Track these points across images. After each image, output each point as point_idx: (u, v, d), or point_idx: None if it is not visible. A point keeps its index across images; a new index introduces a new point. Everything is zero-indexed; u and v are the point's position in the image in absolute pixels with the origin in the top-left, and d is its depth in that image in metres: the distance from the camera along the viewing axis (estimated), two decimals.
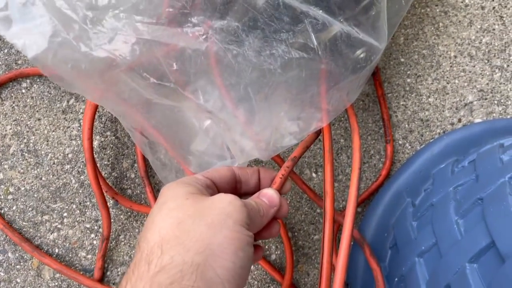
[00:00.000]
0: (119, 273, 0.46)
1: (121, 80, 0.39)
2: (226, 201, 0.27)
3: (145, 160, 0.48)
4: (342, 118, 0.53)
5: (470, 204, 0.34)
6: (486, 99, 0.54)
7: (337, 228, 0.47)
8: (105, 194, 0.45)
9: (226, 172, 0.32)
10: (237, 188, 0.33)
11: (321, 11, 0.33)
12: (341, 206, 0.50)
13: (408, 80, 0.54)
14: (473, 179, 0.37)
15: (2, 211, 0.46)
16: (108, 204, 0.45)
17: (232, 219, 0.26)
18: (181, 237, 0.25)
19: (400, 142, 0.53)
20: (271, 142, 0.44)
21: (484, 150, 0.42)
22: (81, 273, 0.45)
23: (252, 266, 0.48)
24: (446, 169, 0.45)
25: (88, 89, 0.39)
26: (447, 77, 0.55)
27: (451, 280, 0.31)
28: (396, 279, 0.40)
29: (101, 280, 0.45)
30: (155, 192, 0.48)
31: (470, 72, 0.55)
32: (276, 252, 0.49)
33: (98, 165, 0.45)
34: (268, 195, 0.31)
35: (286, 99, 0.44)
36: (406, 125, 0.53)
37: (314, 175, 0.51)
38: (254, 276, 0.48)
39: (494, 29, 0.56)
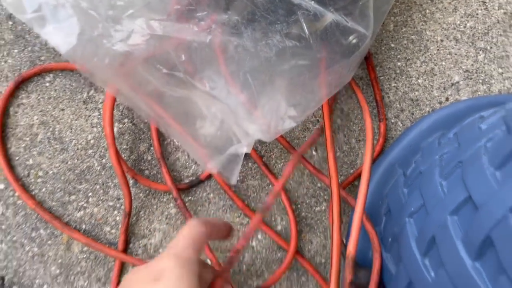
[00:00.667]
0: (141, 245, 0.51)
1: (137, 72, 0.44)
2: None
3: (160, 143, 0.53)
4: (339, 101, 0.57)
5: (452, 167, 0.38)
6: (471, 78, 0.59)
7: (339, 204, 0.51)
8: (126, 175, 0.50)
9: (192, 249, 0.31)
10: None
11: (313, 2, 0.37)
12: (339, 180, 0.54)
13: (399, 63, 0.59)
14: (456, 147, 0.42)
15: (33, 192, 0.51)
16: (128, 183, 0.50)
17: None
18: None
19: (392, 120, 0.57)
20: (272, 126, 0.48)
21: (466, 122, 0.46)
22: (107, 246, 0.50)
23: (259, 235, 0.53)
24: (433, 141, 0.49)
25: (110, 81, 0.44)
26: (435, 60, 0.59)
27: (435, 232, 0.36)
28: (390, 239, 0.45)
29: (125, 251, 0.50)
30: (171, 172, 0.53)
31: (456, 54, 0.59)
32: (282, 223, 0.54)
33: (117, 149, 0.50)
34: None
35: (284, 86, 0.48)
36: (398, 105, 0.58)
37: (314, 153, 0.56)
38: (262, 245, 0.53)
39: (477, 14, 0.60)
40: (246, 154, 0.55)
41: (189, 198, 0.53)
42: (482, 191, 0.32)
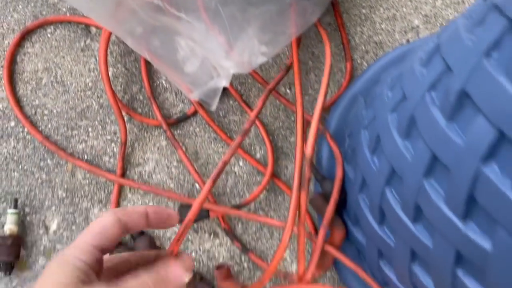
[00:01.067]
0: (136, 172, 0.58)
1: (128, 8, 0.51)
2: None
3: (150, 84, 0.60)
4: (309, 44, 0.64)
5: (395, 80, 0.45)
6: (430, 23, 0.65)
7: (307, 125, 0.58)
8: (121, 110, 0.57)
9: (107, 230, 0.28)
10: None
11: None
12: (310, 114, 0.61)
13: (363, 10, 0.65)
14: (400, 69, 0.48)
15: (40, 128, 0.58)
16: (123, 117, 0.57)
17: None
18: None
19: (358, 61, 0.64)
20: (246, 61, 0.55)
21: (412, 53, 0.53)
22: (106, 172, 0.57)
23: (241, 162, 0.60)
24: (389, 72, 0.56)
25: (105, 17, 0.51)
26: (396, 6, 0.66)
27: (379, 131, 0.43)
28: (350, 151, 0.52)
29: (122, 176, 0.57)
30: (160, 109, 0.60)
31: (415, 1, 0.66)
32: (260, 152, 0.61)
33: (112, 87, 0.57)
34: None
35: (257, 27, 0.55)
36: (363, 48, 0.64)
37: (288, 91, 0.63)
38: (243, 171, 0.60)
39: None
40: (227, 93, 0.62)
41: (178, 132, 0.60)
42: (411, 87, 0.39)
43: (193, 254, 0.57)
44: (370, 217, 0.46)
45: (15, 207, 0.55)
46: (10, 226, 0.54)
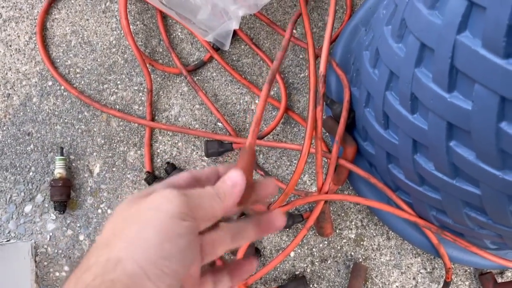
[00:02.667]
0: (163, 116, 0.65)
1: None
2: (159, 196, 0.26)
3: (168, 36, 0.66)
4: None
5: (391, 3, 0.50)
6: None
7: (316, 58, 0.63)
8: (144, 61, 0.63)
9: (183, 179, 0.29)
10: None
11: None
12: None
13: None
14: None
15: (75, 85, 0.65)
16: (147, 67, 0.63)
17: (163, 212, 0.25)
18: (112, 238, 0.25)
19: None
20: (252, 3, 0.60)
21: None
22: (138, 118, 0.63)
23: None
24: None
25: None
26: None
27: (378, 44, 0.48)
28: (355, 74, 0.57)
29: (152, 120, 0.64)
30: (179, 58, 0.65)
31: None
32: (274, 89, 0.66)
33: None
34: (230, 176, 0.29)
35: None
36: None
37: (294, 31, 0.68)
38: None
39: None
40: (238, 38, 0.67)
41: (197, 78, 0.66)
42: None
43: None
44: (376, 125, 0.51)
45: (62, 154, 0.62)
46: (59, 170, 0.61)
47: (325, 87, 0.53)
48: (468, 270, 0.63)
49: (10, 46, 0.65)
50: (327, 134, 0.64)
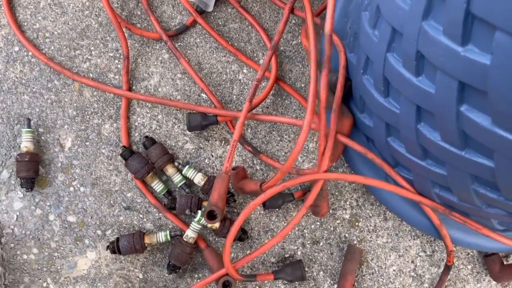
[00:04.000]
0: (142, 86, 0.59)
1: None
2: None
3: None
4: None
5: None
6: None
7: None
8: (120, 25, 0.57)
9: None
10: None
11: None
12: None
13: None
14: None
15: (44, 51, 0.59)
16: (123, 31, 0.57)
17: None
18: None
19: None
20: None
21: None
22: (113, 87, 0.57)
23: (245, 70, 0.60)
24: None
25: None
26: None
27: (379, 3, 0.42)
28: (352, 38, 0.51)
29: (129, 90, 0.58)
30: (159, 22, 0.59)
31: None
32: (263, 58, 0.60)
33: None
34: None
35: None
36: None
37: None
38: (247, 77, 0.60)
39: None
40: (224, 1, 0.61)
41: (179, 44, 0.60)
42: None
43: (206, 161, 0.58)
44: (375, 93, 0.46)
45: (29, 126, 0.56)
46: (26, 144, 0.55)
47: (331, 49, 0.47)
48: (471, 253, 0.59)
49: None
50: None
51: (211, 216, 0.49)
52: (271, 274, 0.55)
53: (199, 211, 0.54)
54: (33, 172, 0.55)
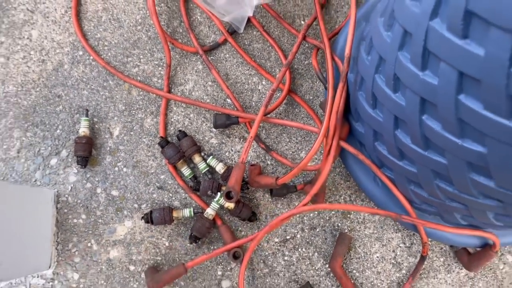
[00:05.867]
0: (179, 90, 0.72)
1: None
2: None
3: (188, 18, 0.73)
4: None
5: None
6: None
7: (317, 50, 0.70)
8: (166, 39, 0.70)
9: None
10: None
11: None
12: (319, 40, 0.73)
13: None
14: None
15: (102, 56, 0.72)
16: (168, 45, 0.71)
17: None
18: None
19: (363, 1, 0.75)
20: None
21: None
22: (156, 89, 0.71)
23: (264, 82, 0.73)
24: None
25: None
26: None
27: (394, 5, 0.54)
28: (352, 62, 0.64)
29: (169, 92, 0.71)
30: (197, 39, 0.73)
31: None
32: (278, 73, 0.73)
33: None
34: None
35: None
36: None
37: (302, 22, 0.75)
38: (266, 88, 0.73)
39: None
40: (251, 25, 0.74)
41: (211, 57, 0.74)
42: None
43: (227, 154, 0.71)
44: (366, 105, 0.58)
45: (87, 115, 0.69)
46: (83, 130, 0.68)
47: (348, 68, 0.60)
48: (444, 248, 0.69)
49: (48, 17, 0.73)
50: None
51: (228, 196, 0.61)
52: None
53: (219, 193, 0.66)
54: (87, 152, 0.68)
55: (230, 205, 0.66)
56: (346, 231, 0.69)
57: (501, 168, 0.40)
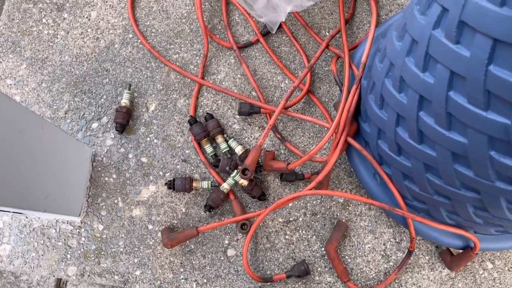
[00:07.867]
0: (211, 79, 0.82)
1: None
2: None
3: (227, 17, 0.84)
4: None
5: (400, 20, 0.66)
6: None
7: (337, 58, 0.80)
8: (206, 32, 0.80)
9: None
10: None
11: None
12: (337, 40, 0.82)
13: None
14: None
15: (149, 41, 0.83)
16: (207, 38, 0.81)
17: None
18: None
19: (383, 17, 0.85)
20: (299, 4, 0.77)
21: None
22: (191, 74, 0.80)
23: (286, 81, 0.82)
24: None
25: None
26: None
27: (386, 45, 0.64)
28: (366, 70, 0.73)
29: (202, 79, 0.81)
30: (233, 36, 0.83)
31: None
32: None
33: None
34: None
35: None
36: (388, 7, 0.85)
37: (327, 33, 0.84)
38: (288, 86, 0.82)
39: None
40: (281, 30, 0.84)
41: (243, 54, 0.83)
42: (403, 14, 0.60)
43: (246, 139, 0.80)
44: (374, 106, 0.66)
45: (129, 89, 0.79)
46: (125, 101, 0.78)
47: (363, 72, 0.69)
48: (430, 248, 0.76)
49: (107, 2, 0.84)
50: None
51: (244, 173, 0.70)
52: (284, 274, 0.73)
53: (235, 171, 0.75)
54: (126, 121, 0.77)
55: (244, 182, 0.74)
56: (343, 220, 0.77)
57: (478, 157, 0.48)
